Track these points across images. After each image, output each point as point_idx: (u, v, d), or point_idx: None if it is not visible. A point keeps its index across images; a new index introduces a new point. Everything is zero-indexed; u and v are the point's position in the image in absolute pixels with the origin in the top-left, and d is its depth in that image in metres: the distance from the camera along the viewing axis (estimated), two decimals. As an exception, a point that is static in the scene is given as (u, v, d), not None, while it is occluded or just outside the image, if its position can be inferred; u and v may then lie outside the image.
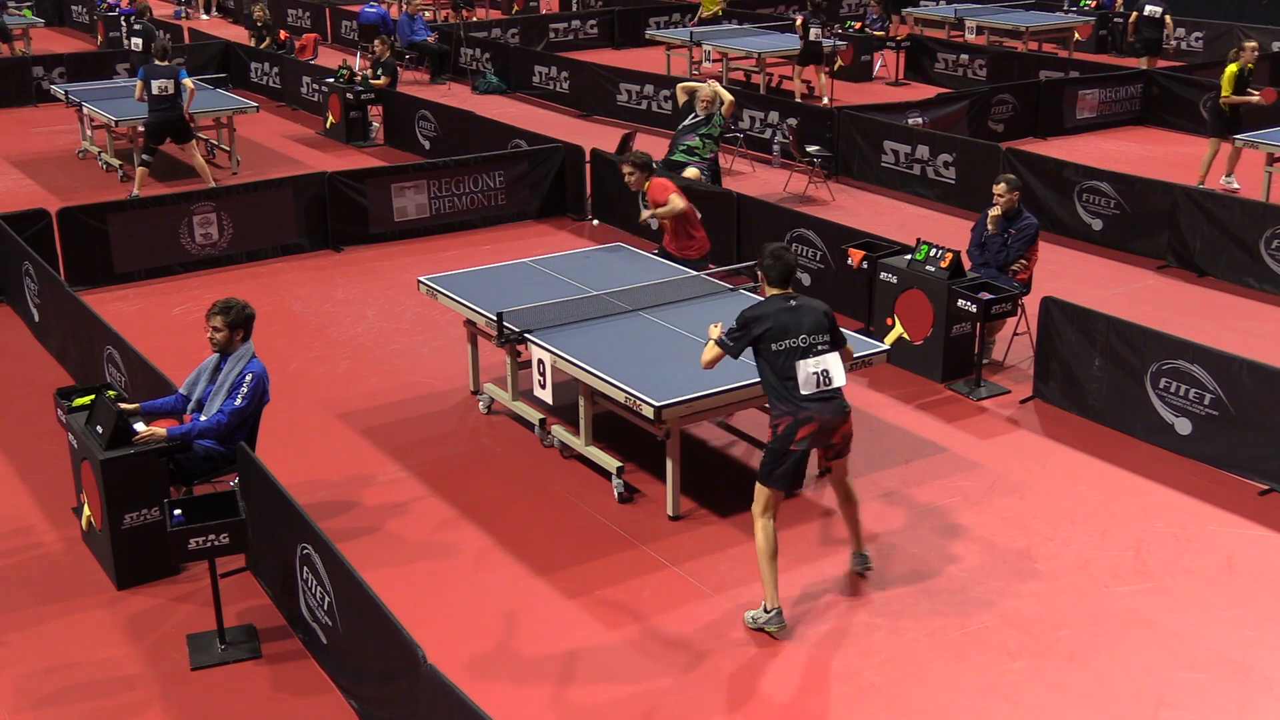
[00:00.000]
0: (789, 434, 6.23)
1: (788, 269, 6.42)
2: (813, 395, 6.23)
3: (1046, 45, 22.74)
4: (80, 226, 11.49)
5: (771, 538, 6.38)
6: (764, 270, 6.47)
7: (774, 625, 6.39)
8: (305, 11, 27.14)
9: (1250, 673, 6.14)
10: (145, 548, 6.81)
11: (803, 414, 6.22)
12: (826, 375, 6.27)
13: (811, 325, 6.30)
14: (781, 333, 6.24)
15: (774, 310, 6.31)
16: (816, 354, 6.26)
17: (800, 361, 6.23)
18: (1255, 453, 7.86)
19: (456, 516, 7.61)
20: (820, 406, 6.25)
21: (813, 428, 6.23)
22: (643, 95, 18.24)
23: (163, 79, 13.59)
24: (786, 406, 6.25)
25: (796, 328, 6.26)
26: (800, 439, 6.24)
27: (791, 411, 6.23)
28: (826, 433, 6.30)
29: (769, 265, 6.43)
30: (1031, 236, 9.47)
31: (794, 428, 6.22)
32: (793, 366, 6.22)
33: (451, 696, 4.76)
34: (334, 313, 10.98)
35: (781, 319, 6.27)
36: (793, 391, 6.24)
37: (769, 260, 6.44)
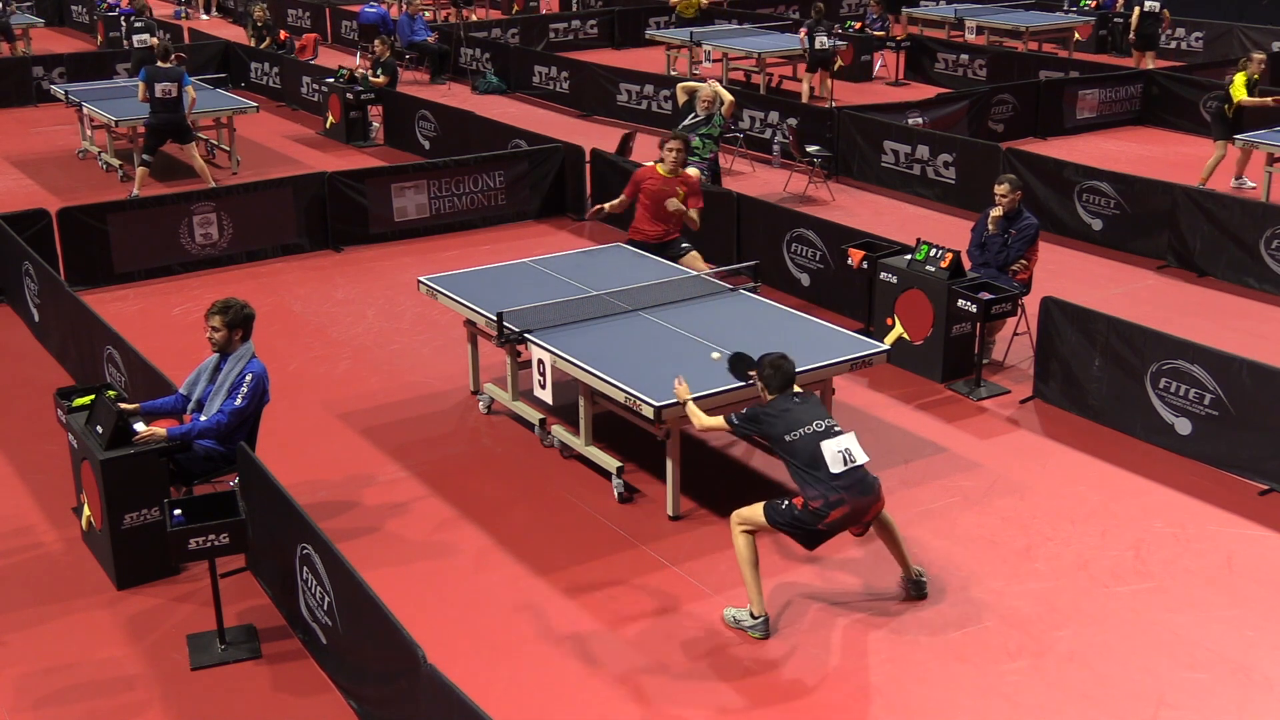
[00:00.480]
0: (820, 514, 6.20)
1: (788, 378, 6.45)
2: (844, 476, 6.18)
3: (1046, 45, 22.75)
4: (80, 226, 11.49)
5: (753, 546, 6.39)
6: (764, 381, 6.47)
7: (758, 632, 6.38)
8: (305, 11, 27.15)
9: (1250, 673, 6.14)
10: (145, 548, 6.81)
11: (834, 496, 6.18)
12: (850, 454, 6.24)
13: (821, 413, 6.37)
14: (794, 424, 6.28)
15: (781, 409, 6.36)
16: (834, 435, 6.27)
17: (824, 443, 6.22)
18: (1255, 453, 7.86)
19: (456, 516, 7.61)
20: (851, 489, 6.20)
21: (844, 510, 6.19)
22: (643, 95, 18.24)
23: (166, 81, 13.59)
24: (818, 489, 6.20)
25: (808, 417, 6.31)
26: (831, 521, 6.22)
27: (823, 494, 6.19)
28: (858, 514, 6.27)
29: (769, 376, 6.45)
30: (1032, 237, 9.47)
31: (826, 509, 6.19)
32: (816, 448, 6.20)
33: (451, 696, 4.76)
34: (334, 313, 10.98)
35: (791, 413, 6.32)
36: (822, 475, 6.19)
37: (769, 371, 6.46)
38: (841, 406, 8.77)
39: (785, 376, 6.45)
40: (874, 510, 6.34)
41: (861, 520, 6.33)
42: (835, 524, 6.24)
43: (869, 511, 6.32)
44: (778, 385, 6.45)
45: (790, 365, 6.48)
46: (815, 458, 6.20)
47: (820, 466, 6.19)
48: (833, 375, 7.80)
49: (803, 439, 6.25)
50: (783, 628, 6.50)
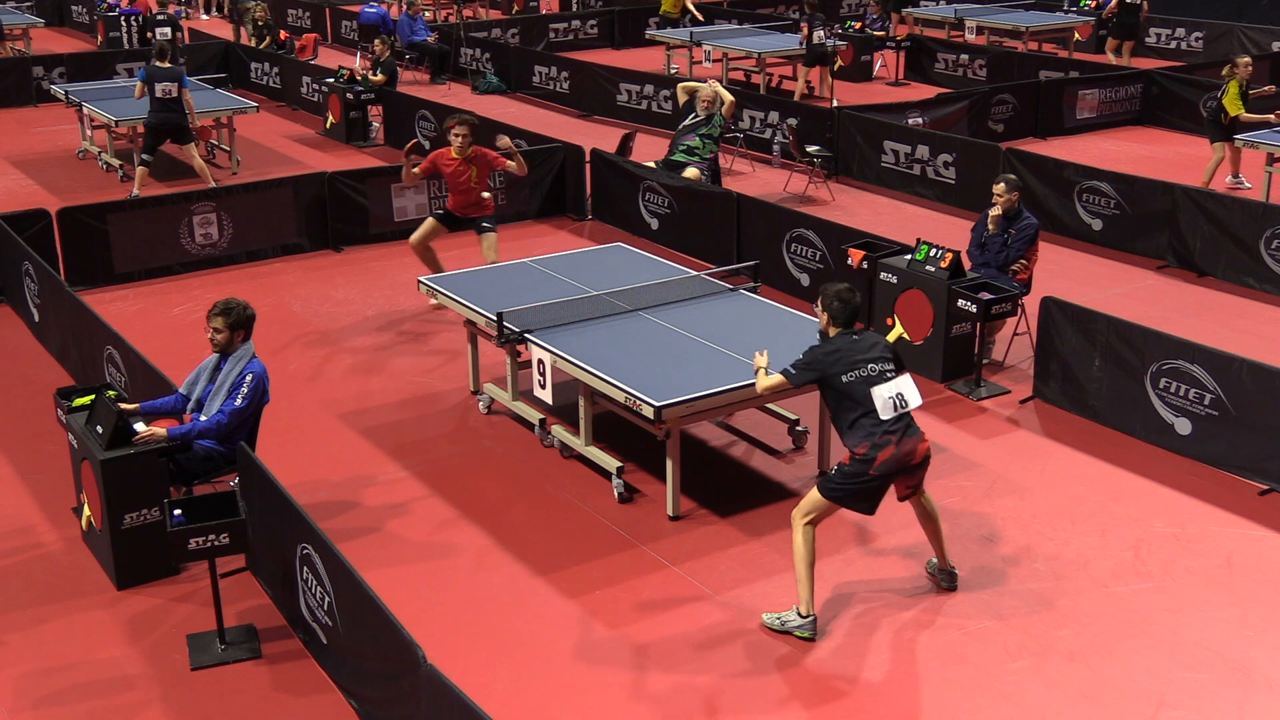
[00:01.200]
0: (869, 459, 6.21)
1: (853, 313, 6.43)
2: (890, 421, 6.22)
3: (1046, 45, 22.74)
4: (80, 226, 11.49)
5: (811, 543, 6.37)
6: (830, 313, 6.45)
7: (806, 632, 6.38)
8: (305, 11, 27.15)
9: (1250, 673, 6.14)
10: (145, 548, 6.81)
11: (880, 438, 6.21)
12: (902, 399, 6.28)
13: (877, 353, 6.34)
14: (850, 365, 6.27)
15: (840, 345, 6.35)
16: (887, 380, 6.27)
17: (875, 389, 6.24)
18: (1255, 453, 7.86)
19: (456, 516, 7.61)
20: (897, 432, 6.24)
21: (890, 451, 6.21)
22: (643, 95, 18.24)
23: (166, 81, 13.59)
24: (862, 434, 6.24)
25: (864, 357, 6.29)
26: (881, 464, 6.21)
27: (868, 437, 6.22)
28: (906, 457, 6.26)
29: (837, 309, 6.43)
30: (1031, 236, 9.47)
31: (873, 453, 6.21)
32: (867, 395, 6.22)
33: (451, 696, 4.76)
34: (334, 313, 10.98)
35: (848, 353, 6.31)
36: (867, 421, 6.23)
37: (836, 304, 6.44)
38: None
39: (851, 311, 6.42)
40: (921, 451, 6.33)
41: (910, 463, 6.30)
42: (885, 467, 6.22)
43: (916, 453, 6.31)
44: (843, 319, 6.42)
45: (856, 300, 6.45)
46: (862, 402, 6.23)
47: (869, 411, 6.22)
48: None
49: (857, 382, 6.24)
50: (783, 628, 6.51)
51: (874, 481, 6.28)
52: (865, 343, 6.38)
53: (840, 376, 6.28)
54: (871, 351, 6.34)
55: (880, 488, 6.35)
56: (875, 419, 6.23)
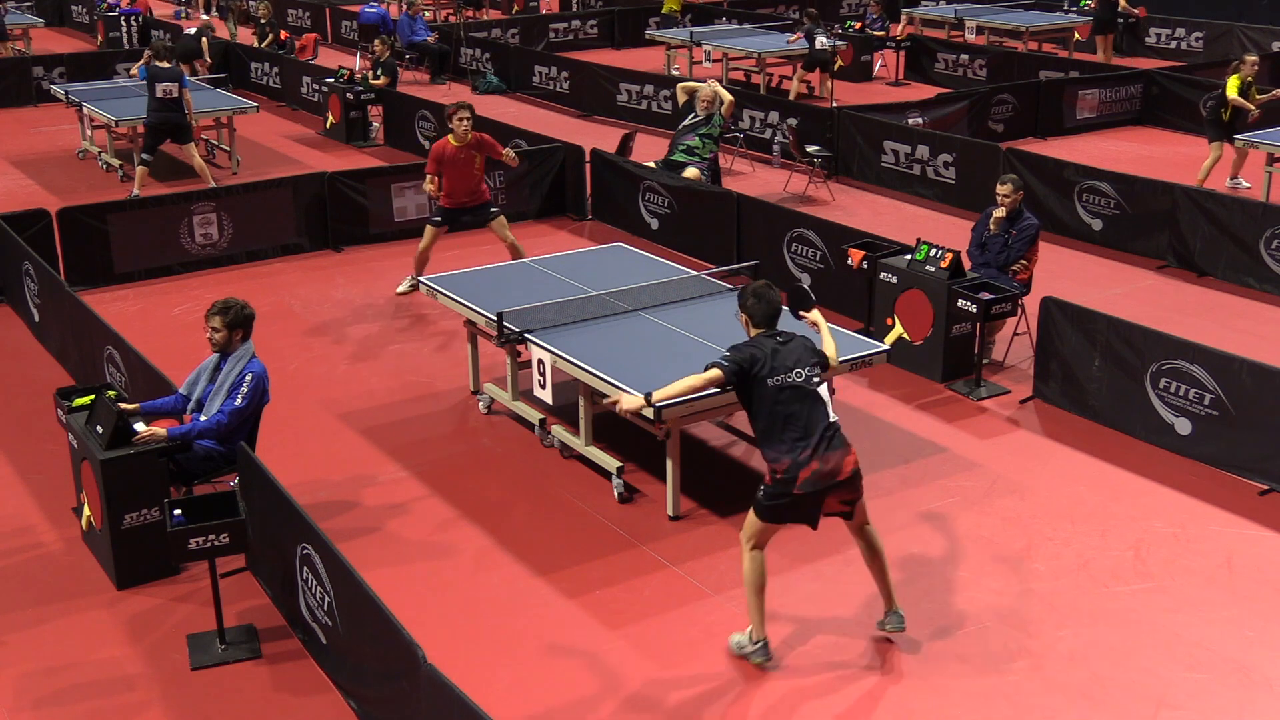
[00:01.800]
0: (789, 478, 5.83)
1: (772, 310, 6.07)
2: (814, 434, 5.83)
3: (1046, 45, 22.75)
4: (80, 226, 11.49)
5: (759, 569, 6.05)
6: (748, 311, 6.10)
7: (759, 657, 6.14)
8: (305, 11, 27.15)
9: (1250, 673, 6.14)
10: (145, 548, 6.81)
11: (801, 454, 5.81)
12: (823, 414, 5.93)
13: (801, 357, 5.97)
14: (776, 368, 5.89)
15: (763, 345, 5.98)
16: (815, 384, 5.94)
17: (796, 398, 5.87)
18: (1255, 453, 7.86)
19: (456, 516, 7.61)
20: (818, 445, 5.83)
21: (813, 468, 5.81)
22: (643, 95, 18.25)
23: (167, 81, 13.59)
24: (784, 448, 5.85)
25: (789, 362, 5.93)
26: (803, 482, 5.82)
27: (789, 453, 5.83)
28: (830, 473, 5.86)
29: (753, 306, 6.08)
30: (1032, 237, 9.47)
31: (794, 470, 5.82)
32: (791, 403, 5.85)
33: (451, 696, 4.76)
34: (334, 313, 10.98)
35: (772, 353, 5.93)
36: (788, 432, 5.85)
37: (752, 300, 6.08)
38: (842, 406, 8.77)
39: (771, 309, 6.05)
40: (846, 466, 5.89)
41: (835, 478, 5.87)
42: (808, 485, 5.81)
43: (842, 469, 5.87)
44: (762, 318, 6.06)
45: (775, 297, 6.09)
46: (795, 410, 5.84)
47: (791, 423, 5.84)
48: (833, 375, 7.79)
49: (783, 388, 5.86)
50: (783, 627, 6.50)
51: (801, 501, 5.88)
52: (792, 346, 6.00)
53: (766, 380, 5.87)
54: (800, 356, 5.97)
55: (812, 503, 5.93)
56: (798, 431, 5.83)
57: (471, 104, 10.99)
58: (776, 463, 5.88)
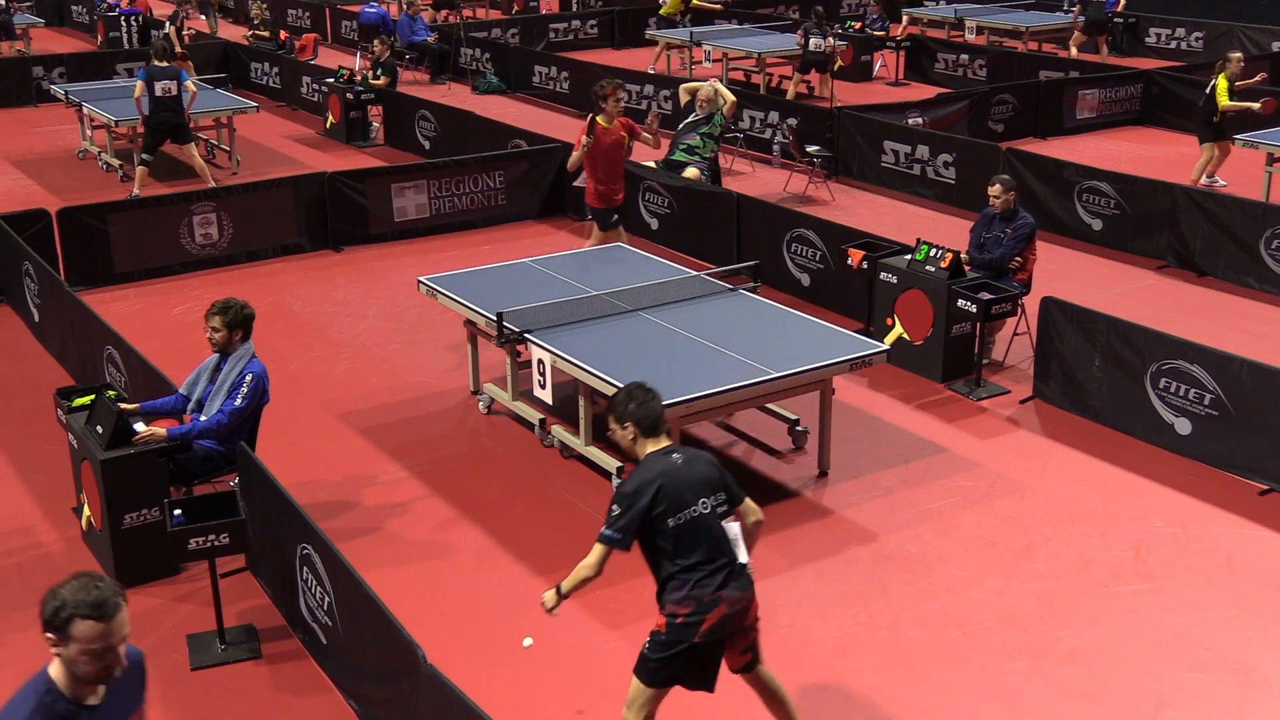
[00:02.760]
0: (692, 624, 4.94)
1: (655, 415, 5.09)
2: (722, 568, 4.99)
3: (1046, 45, 22.75)
4: (80, 226, 11.49)
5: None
6: (631, 419, 5.07)
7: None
8: (305, 11, 27.15)
9: (1250, 673, 6.14)
10: (145, 548, 6.81)
11: (709, 596, 4.94)
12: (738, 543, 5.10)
13: (704, 485, 5.03)
14: (677, 502, 4.94)
15: (658, 473, 4.96)
16: (720, 516, 5.03)
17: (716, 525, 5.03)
18: (1255, 453, 7.86)
19: (456, 516, 7.61)
20: (729, 584, 5.00)
21: (721, 611, 4.97)
22: (643, 95, 18.24)
23: (165, 80, 13.60)
24: (686, 592, 4.95)
25: (692, 491, 4.98)
26: (708, 629, 4.97)
27: (694, 597, 4.94)
28: (738, 616, 5.05)
29: (635, 411, 5.05)
30: (1027, 235, 9.47)
31: (699, 614, 4.94)
32: (694, 540, 4.96)
33: (451, 696, 4.76)
34: (334, 313, 10.98)
35: (670, 485, 4.95)
36: (694, 573, 4.96)
37: (633, 406, 5.06)
38: (841, 406, 8.78)
39: (655, 413, 5.10)
40: (752, 611, 5.12)
41: (741, 623, 5.09)
42: (713, 633, 5.00)
43: (748, 611, 5.11)
44: (649, 424, 5.08)
45: (657, 398, 5.12)
46: (697, 548, 4.96)
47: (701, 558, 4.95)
48: (833, 375, 7.81)
49: (685, 523, 4.94)
50: (783, 627, 6.50)
51: (701, 649, 5.03)
52: (694, 469, 5.03)
53: (668, 519, 4.92)
54: (702, 483, 5.02)
55: (713, 656, 5.11)
56: (706, 570, 4.95)
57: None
58: (680, 605, 4.97)
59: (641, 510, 4.92)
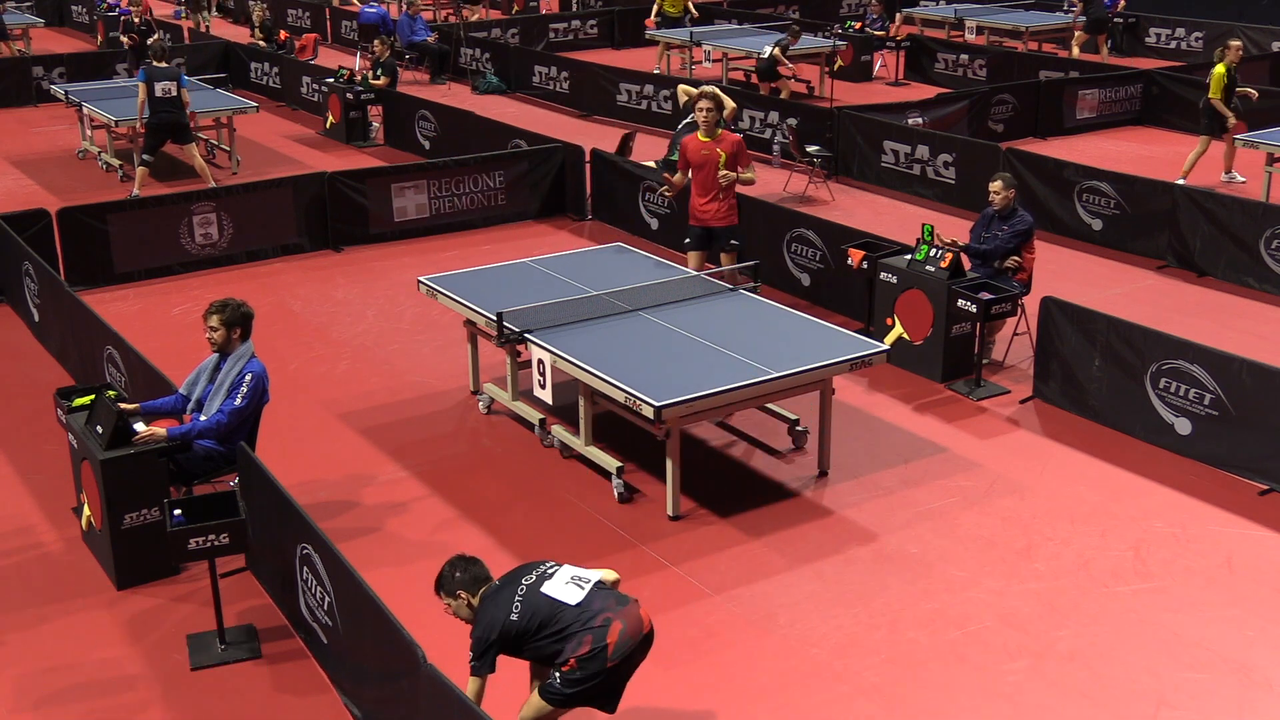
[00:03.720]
0: (598, 648, 5.08)
1: (480, 574, 5.31)
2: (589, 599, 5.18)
3: (1046, 45, 22.75)
4: (80, 226, 11.49)
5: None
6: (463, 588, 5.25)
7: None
8: (305, 11, 27.15)
9: (1250, 673, 6.14)
10: (145, 548, 6.81)
11: (598, 622, 5.12)
12: (579, 578, 5.29)
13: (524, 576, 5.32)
14: (506, 603, 5.17)
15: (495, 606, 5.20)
16: (549, 576, 5.29)
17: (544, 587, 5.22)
18: (1255, 453, 7.86)
19: (456, 516, 7.61)
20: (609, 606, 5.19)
21: (619, 626, 5.12)
22: (643, 95, 18.24)
23: (165, 80, 13.60)
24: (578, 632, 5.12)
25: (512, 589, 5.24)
26: (615, 647, 5.09)
27: (588, 630, 5.11)
28: (635, 625, 5.18)
29: (462, 579, 5.26)
30: (1025, 232, 9.47)
31: (601, 639, 5.08)
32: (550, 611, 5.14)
33: (451, 696, 4.76)
34: (334, 313, 10.98)
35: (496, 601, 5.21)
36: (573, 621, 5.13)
37: (459, 574, 5.26)
38: (841, 406, 8.77)
39: (477, 573, 5.30)
40: (646, 618, 5.26)
41: (642, 631, 5.21)
42: (621, 648, 5.11)
43: (644, 620, 5.24)
44: (477, 586, 5.27)
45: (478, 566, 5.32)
46: (550, 612, 5.15)
47: (562, 615, 5.13)
48: (833, 375, 7.80)
49: (525, 605, 5.15)
50: (783, 627, 6.50)
51: (615, 672, 5.17)
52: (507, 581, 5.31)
53: (510, 618, 5.13)
54: (518, 577, 5.29)
55: (622, 675, 5.24)
56: (576, 613, 5.13)
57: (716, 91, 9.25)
58: (579, 647, 5.10)
59: (489, 638, 5.15)
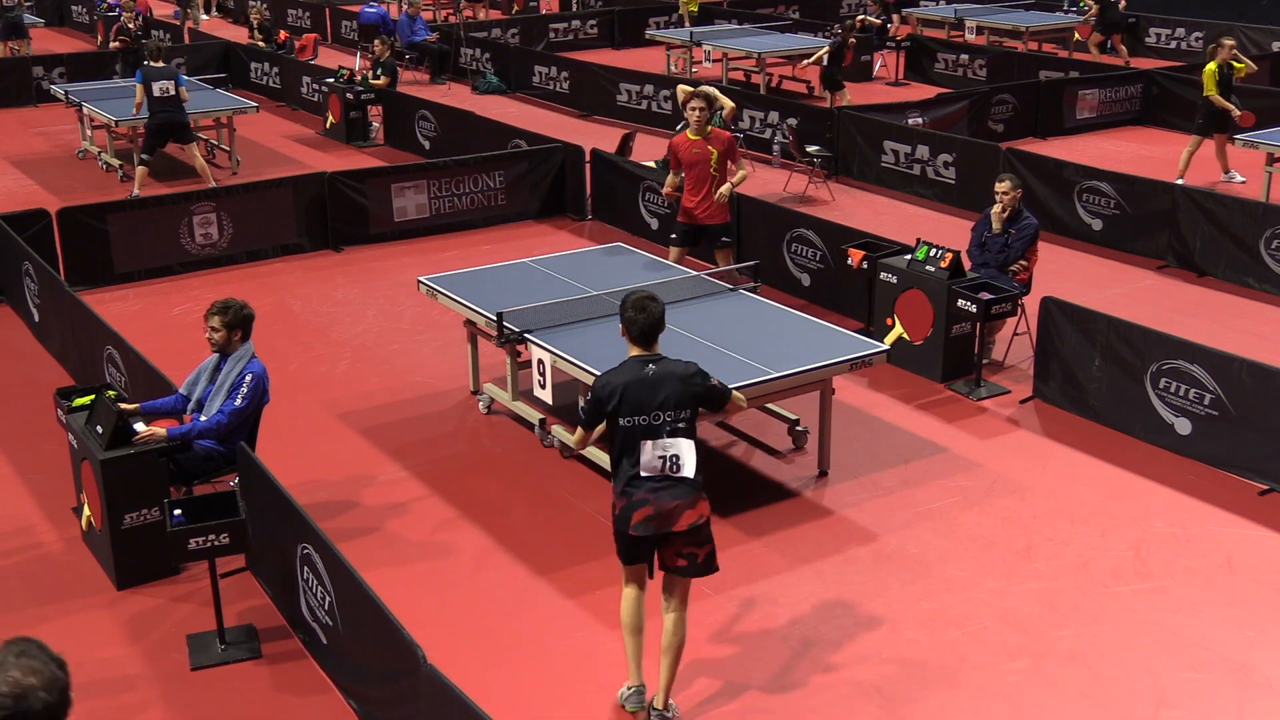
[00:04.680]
0: (624, 517, 5.48)
1: (653, 324, 5.51)
2: (653, 479, 5.44)
3: (1046, 45, 22.75)
4: (80, 226, 11.49)
5: (632, 609, 5.69)
6: (625, 325, 5.53)
7: (631, 705, 5.77)
8: (305, 11, 27.15)
9: (1250, 673, 6.14)
10: (145, 548, 6.81)
11: (637, 495, 5.42)
12: (676, 461, 5.46)
13: (667, 399, 5.44)
14: (633, 407, 5.40)
15: (626, 381, 5.44)
16: (668, 434, 5.43)
17: (646, 441, 5.43)
18: (1255, 453, 7.86)
19: (456, 516, 7.61)
20: (658, 491, 5.43)
21: (647, 512, 5.41)
22: (643, 95, 18.24)
23: (163, 80, 13.60)
24: (622, 485, 5.49)
25: (649, 401, 5.42)
26: (636, 523, 5.44)
27: (626, 493, 5.47)
28: (664, 518, 5.43)
29: (630, 319, 5.50)
30: (1032, 236, 9.47)
31: (628, 511, 5.45)
32: (635, 444, 5.43)
33: (451, 696, 4.76)
34: (334, 313, 10.98)
35: (633, 391, 5.42)
36: (629, 471, 5.46)
37: (630, 312, 5.49)
38: (841, 406, 8.77)
39: (651, 322, 5.50)
40: (685, 518, 5.46)
41: (670, 525, 5.44)
42: (641, 527, 5.44)
43: (678, 517, 5.44)
44: (638, 332, 5.51)
45: (658, 309, 5.52)
46: (633, 450, 5.45)
47: (630, 462, 5.46)
48: (833, 375, 7.81)
49: (634, 428, 5.43)
50: (783, 627, 6.50)
51: (634, 542, 5.53)
52: (664, 381, 5.45)
53: (620, 419, 5.42)
54: (661, 395, 5.43)
55: (640, 547, 5.56)
56: (633, 474, 5.45)
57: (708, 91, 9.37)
58: (617, 499, 5.54)
59: (601, 400, 5.49)
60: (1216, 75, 13.84)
